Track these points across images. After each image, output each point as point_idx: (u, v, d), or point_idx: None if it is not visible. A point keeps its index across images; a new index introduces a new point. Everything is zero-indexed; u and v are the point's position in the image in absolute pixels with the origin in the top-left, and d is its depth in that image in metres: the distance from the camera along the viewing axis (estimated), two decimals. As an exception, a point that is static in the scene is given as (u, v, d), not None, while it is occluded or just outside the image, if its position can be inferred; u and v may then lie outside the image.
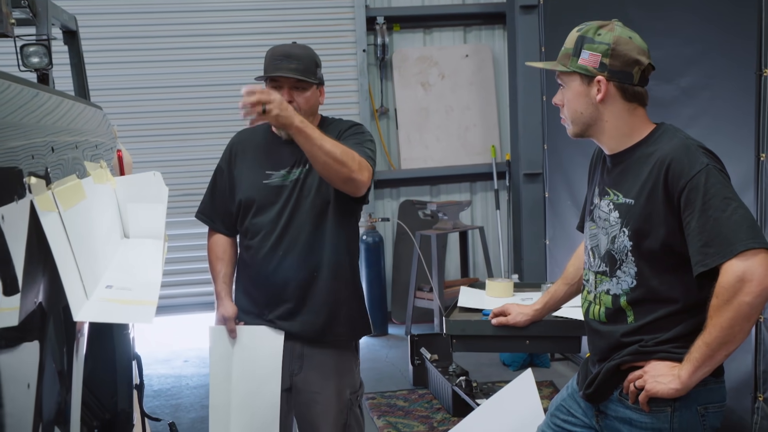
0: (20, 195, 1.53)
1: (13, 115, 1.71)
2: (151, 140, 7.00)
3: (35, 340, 1.66)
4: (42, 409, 1.72)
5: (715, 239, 2.08)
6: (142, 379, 3.00)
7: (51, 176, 1.84)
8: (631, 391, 2.26)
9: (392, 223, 7.44)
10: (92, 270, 1.91)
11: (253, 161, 2.97)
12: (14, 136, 1.64)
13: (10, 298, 1.45)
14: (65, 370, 1.95)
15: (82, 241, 1.87)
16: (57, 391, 1.90)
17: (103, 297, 1.84)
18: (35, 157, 1.74)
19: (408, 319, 6.81)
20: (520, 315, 2.80)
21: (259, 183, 2.93)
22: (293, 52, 2.90)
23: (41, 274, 1.66)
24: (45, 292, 1.69)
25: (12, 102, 1.74)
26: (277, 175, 2.93)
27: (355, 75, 7.35)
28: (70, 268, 1.69)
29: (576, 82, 2.31)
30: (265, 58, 2.93)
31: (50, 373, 1.78)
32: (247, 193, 2.94)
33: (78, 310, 1.68)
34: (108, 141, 3.21)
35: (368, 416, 5.06)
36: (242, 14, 7.15)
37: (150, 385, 5.69)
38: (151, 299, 1.94)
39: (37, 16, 3.51)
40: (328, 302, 2.95)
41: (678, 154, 2.18)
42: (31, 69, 3.47)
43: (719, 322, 2.07)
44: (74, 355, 2.00)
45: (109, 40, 6.87)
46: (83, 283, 1.76)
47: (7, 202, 1.44)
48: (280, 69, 2.85)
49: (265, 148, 2.99)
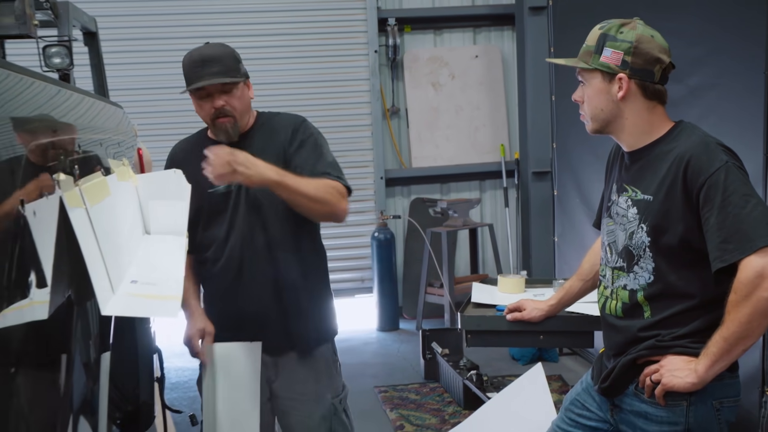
0: (50, 191, 1.51)
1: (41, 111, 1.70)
2: (169, 139, 6.94)
3: (64, 332, 1.65)
4: (72, 400, 1.70)
5: (735, 235, 2.05)
6: (163, 372, 2.99)
7: (78, 173, 1.82)
8: (648, 384, 2.23)
9: (403, 221, 7.42)
10: (118, 265, 1.90)
11: (196, 170, 2.57)
12: (45, 134, 1.63)
13: (40, 291, 1.44)
14: (93, 362, 1.94)
15: (107, 237, 1.85)
16: (84, 383, 1.89)
17: (128, 292, 1.83)
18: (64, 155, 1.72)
19: (419, 314, 6.79)
20: (535, 310, 2.78)
21: (204, 192, 2.69)
22: (210, 54, 2.68)
23: (70, 268, 1.65)
24: (74, 287, 1.67)
25: (37, 98, 1.73)
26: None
27: (367, 75, 7.33)
28: (97, 262, 1.67)
29: (597, 80, 2.28)
30: (183, 67, 2.71)
31: (79, 365, 1.77)
32: (193, 204, 2.59)
33: (105, 305, 1.67)
34: (129, 139, 3.20)
35: (381, 409, 5.05)
36: (257, 16, 7.12)
37: (168, 377, 5.66)
38: (175, 294, 1.92)
39: (58, 18, 3.51)
40: (292, 310, 2.76)
41: (697, 151, 2.15)
42: (53, 69, 3.47)
43: (737, 317, 2.05)
44: (101, 347, 1.99)
45: (127, 41, 6.87)
46: (110, 278, 1.75)
47: (37, 198, 1.42)
48: (203, 77, 2.64)
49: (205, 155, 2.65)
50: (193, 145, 2.84)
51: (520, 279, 3.40)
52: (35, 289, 1.37)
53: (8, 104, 1.42)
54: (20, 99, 1.54)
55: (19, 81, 1.57)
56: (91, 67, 4.30)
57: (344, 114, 7.31)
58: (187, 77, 2.71)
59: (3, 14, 2.79)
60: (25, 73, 1.69)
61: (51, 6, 3.48)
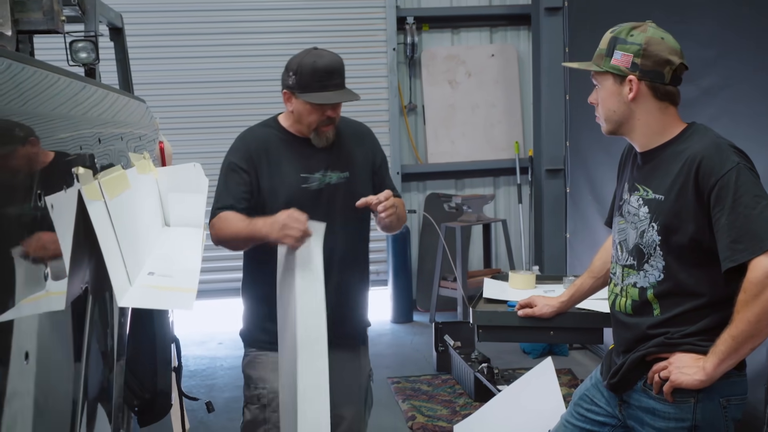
0: (69, 184, 1.51)
1: (63, 107, 1.69)
2: (190, 132, 7.00)
3: (81, 322, 1.64)
4: (87, 388, 1.70)
5: (745, 235, 2.03)
6: (180, 361, 2.99)
7: (98, 166, 1.82)
8: (656, 381, 2.21)
9: (419, 215, 7.41)
10: (136, 257, 1.89)
11: (285, 161, 2.74)
12: (64, 127, 1.62)
13: (58, 283, 1.43)
14: (109, 351, 1.93)
15: (126, 230, 1.85)
16: (101, 371, 1.89)
17: (145, 283, 1.82)
18: (83, 148, 1.71)
19: (432, 307, 6.78)
20: (546, 307, 2.76)
21: (297, 187, 2.75)
22: (332, 65, 2.70)
23: (88, 260, 1.64)
24: (91, 278, 1.67)
25: (63, 94, 1.72)
26: (313, 178, 2.77)
27: (386, 73, 7.31)
28: (114, 255, 1.67)
29: (609, 82, 2.27)
30: (302, 73, 2.68)
31: (95, 354, 1.77)
32: (285, 195, 2.72)
33: (122, 296, 1.66)
34: (150, 133, 3.19)
35: (393, 399, 5.04)
36: (278, 13, 7.13)
37: (186, 366, 5.70)
38: (191, 286, 1.91)
39: (85, 14, 3.51)
40: (360, 299, 2.92)
41: (709, 152, 2.13)
42: (79, 64, 3.47)
43: (746, 316, 2.03)
44: (119, 338, 1.98)
45: (153, 36, 6.88)
46: (127, 270, 1.74)
47: (55, 191, 1.42)
48: (330, 88, 2.68)
49: (292, 147, 2.79)
50: (274, 138, 2.82)
51: (531, 275, 3.37)
52: (52, 280, 1.36)
53: (24, 98, 1.42)
54: (44, 95, 1.53)
55: (43, 76, 1.56)
56: (116, 62, 4.31)
57: (363, 110, 7.27)
58: (308, 85, 2.69)
59: (31, 10, 2.80)
60: (47, 68, 1.68)
61: (78, 2, 3.48)
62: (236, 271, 7.01)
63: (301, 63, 2.71)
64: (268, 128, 2.85)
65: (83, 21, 3.55)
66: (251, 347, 2.87)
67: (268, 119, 2.92)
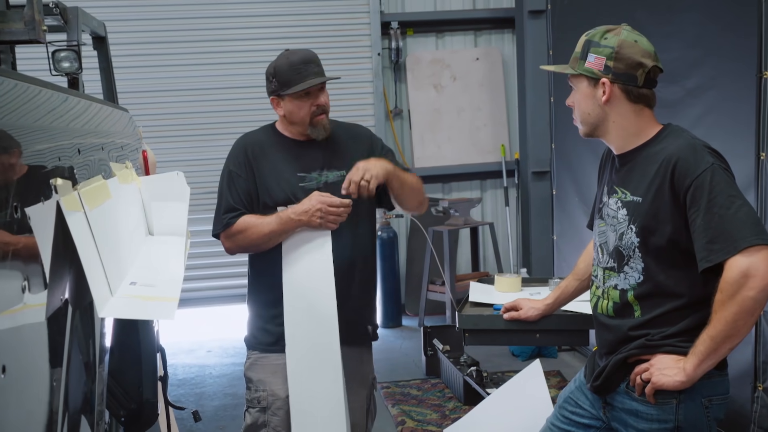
0: (47, 196, 1.51)
1: (43, 120, 1.70)
2: (174, 140, 6.99)
3: (61, 334, 1.64)
4: (68, 399, 1.70)
5: (720, 236, 2.05)
6: (166, 370, 2.99)
7: (77, 177, 1.82)
8: (638, 383, 2.23)
9: (406, 219, 7.41)
10: (117, 267, 1.89)
11: (281, 163, 2.80)
12: (42, 139, 1.62)
13: (37, 295, 1.43)
14: (91, 362, 1.93)
15: (107, 240, 1.85)
16: (83, 383, 1.89)
17: (127, 293, 1.82)
18: (62, 159, 1.72)
19: (421, 311, 6.78)
20: (532, 309, 2.77)
21: (295, 186, 2.79)
22: (306, 56, 2.78)
23: (67, 271, 1.64)
24: (71, 289, 1.67)
25: (42, 107, 1.72)
26: (311, 177, 2.80)
27: (371, 77, 7.32)
28: (95, 265, 1.67)
29: (584, 85, 2.30)
30: (279, 73, 2.76)
31: (76, 366, 1.76)
32: (284, 195, 2.77)
33: (103, 307, 1.66)
34: (133, 142, 3.19)
35: (383, 405, 5.04)
36: (262, 20, 7.12)
37: (175, 374, 5.69)
38: (173, 296, 1.91)
39: (67, 23, 3.51)
40: (363, 300, 2.91)
41: (684, 153, 2.15)
42: (62, 73, 3.46)
43: (724, 316, 2.04)
44: (99, 348, 1.98)
45: (136, 45, 6.87)
46: (108, 280, 1.74)
47: (33, 203, 1.42)
48: (310, 75, 2.75)
49: (287, 149, 2.85)
50: (269, 141, 2.89)
51: (517, 278, 3.39)
52: (30, 293, 1.36)
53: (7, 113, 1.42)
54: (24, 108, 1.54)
55: (21, 89, 1.57)
56: (100, 71, 4.30)
57: (348, 115, 7.26)
58: (289, 80, 2.76)
59: (12, 20, 2.79)
60: (27, 81, 1.68)
61: (60, 11, 3.48)
62: (223, 278, 7.15)
63: (276, 65, 2.80)
64: (265, 132, 2.92)
65: (66, 30, 3.54)
66: (253, 350, 2.89)
67: (266, 125, 2.98)
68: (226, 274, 7.07)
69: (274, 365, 2.80)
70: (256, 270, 2.90)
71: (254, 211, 2.80)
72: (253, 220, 2.75)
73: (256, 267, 2.90)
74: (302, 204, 2.70)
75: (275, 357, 2.79)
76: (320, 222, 2.69)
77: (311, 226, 2.70)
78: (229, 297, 7.13)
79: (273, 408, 2.80)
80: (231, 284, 7.09)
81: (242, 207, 2.79)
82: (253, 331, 2.92)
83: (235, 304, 6.98)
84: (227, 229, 2.79)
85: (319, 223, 2.69)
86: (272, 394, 2.80)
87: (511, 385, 3.79)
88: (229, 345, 6.37)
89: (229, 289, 7.13)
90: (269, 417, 2.81)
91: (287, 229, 2.72)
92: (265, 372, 2.83)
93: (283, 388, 2.77)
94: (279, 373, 2.77)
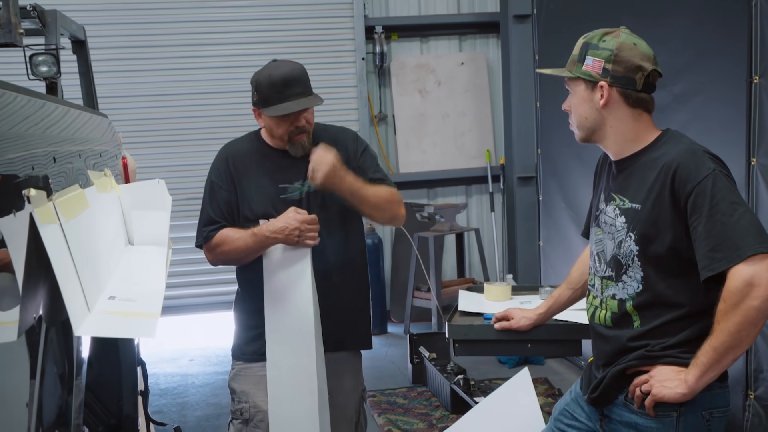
0: (18, 207, 1.42)
1: (17, 127, 1.61)
2: (155, 146, 6.90)
3: (34, 352, 1.55)
4: (42, 418, 1.61)
5: (723, 244, 1.99)
6: (147, 385, 2.89)
7: (53, 186, 1.72)
8: (637, 395, 2.15)
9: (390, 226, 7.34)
10: (95, 281, 1.80)
11: (262, 174, 2.76)
12: (14, 148, 1.53)
13: (8, 312, 1.34)
14: (66, 379, 1.84)
15: (84, 252, 1.76)
16: (58, 397, 1.79)
17: (105, 309, 1.73)
18: (35, 168, 1.62)
19: (406, 318, 6.71)
20: (524, 319, 2.70)
21: (275, 198, 2.74)
22: (289, 74, 2.69)
23: (41, 287, 1.55)
24: (45, 306, 1.58)
25: (16, 114, 1.63)
26: (293, 188, 2.76)
27: (355, 82, 7.25)
28: (71, 280, 1.57)
29: (581, 88, 2.23)
30: (260, 88, 2.70)
31: (50, 380, 1.67)
32: (264, 208, 2.73)
33: (79, 325, 1.57)
34: (113, 149, 3.10)
35: (369, 414, 4.96)
36: (245, 24, 7.05)
37: (157, 384, 5.58)
38: (154, 311, 1.82)
39: (46, 27, 3.43)
40: (348, 308, 2.85)
41: (685, 159, 2.08)
42: (40, 78, 3.37)
43: (727, 326, 1.98)
44: (75, 365, 1.89)
45: (116, 49, 6.77)
46: (85, 296, 1.65)
47: (4, 215, 1.33)
48: (289, 98, 2.66)
49: (269, 160, 2.79)
50: (252, 151, 2.84)
51: (507, 286, 3.32)
52: (2, 310, 1.27)
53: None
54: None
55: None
56: (79, 76, 4.21)
57: (332, 120, 7.13)
58: (269, 98, 2.70)
59: (-13, 23, 2.70)
60: (2, 87, 1.59)
61: (38, 14, 3.40)
62: (205, 285, 7.05)
63: (258, 79, 2.74)
64: (248, 142, 2.87)
65: (44, 34, 3.45)
66: (238, 360, 2.86)
67: (250, 133, 2.92)
68: (208, 281, 6.97)
69: (258, 376, 2.75)
70: (242, 279, 2.86)
71: (236, 222, 2.75)
72: (230, 234, 2.71)
73: (242, 276, 2.86)
74: (278, 221, 2.64)
75: (258, 367, 2.74)
76: (298, 240, 2.63)
77: (289, 245, 2.64)
78: (211, 305, 7.03)
79: (255, 420, 2.77)
80: (213, 291, 7.00)
81: (223, 219, 2.75)
82: (238, 341, 2.88)
83: (218, 311, 6.89)
84: (207, 242, 2.76)
85: (296, 242, 2.63)
86: (254, 406, 2.77)
87: (499, 393, 3.73)
88: (212, 354, 6.27)
89: (211, 296, 7.03)
90: (251, 429, 2.77)
91: (263, 247, 2.68)
92: (249, 383, 2.79)
93: (265, 400, 2.72)
94: (261, 385, 2.73)
